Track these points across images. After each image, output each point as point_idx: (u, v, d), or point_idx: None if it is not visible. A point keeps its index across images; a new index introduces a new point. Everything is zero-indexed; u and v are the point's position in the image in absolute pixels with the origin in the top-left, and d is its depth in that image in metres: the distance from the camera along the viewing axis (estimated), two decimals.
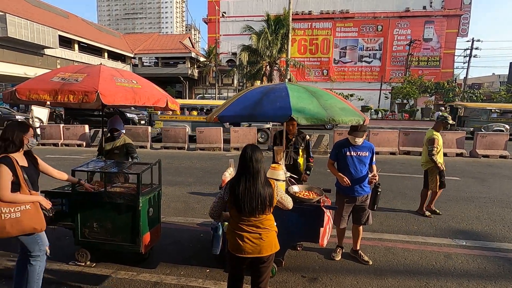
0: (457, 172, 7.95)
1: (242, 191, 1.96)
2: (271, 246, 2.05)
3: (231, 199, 2.01)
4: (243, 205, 1.95)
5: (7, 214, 2.16)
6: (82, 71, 3.11)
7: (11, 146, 2.24)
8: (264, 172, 2.08)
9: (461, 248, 3.75)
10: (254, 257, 2.01)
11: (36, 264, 2.37)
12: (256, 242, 1.99)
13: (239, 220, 2.02)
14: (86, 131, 12.46)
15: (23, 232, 2.26)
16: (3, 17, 22.11)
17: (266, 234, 2.03)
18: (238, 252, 2.01)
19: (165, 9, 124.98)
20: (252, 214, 1.97)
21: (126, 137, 3.96)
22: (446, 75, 31.99)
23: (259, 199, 1.95)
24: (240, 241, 2.00)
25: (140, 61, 39.36)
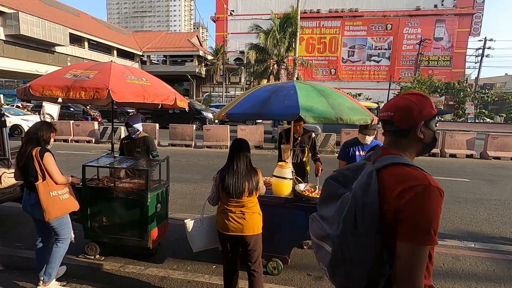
0: (467, 174, 7.83)
1: (228, 176, 2.28)
2: (253, 227, 2.34)
3: (220, 184, 2.30)
4: (228, 188, 2.25)
5: (62, 196, 2.58)
6: (94, 68, 3.16)
7: (43, 142, 2.57)
8: (249, 160, 2.39)
9: (469, 250, 3.70)
10: (238, 235, 2.30)
11: (62, 246, 2.66)
12: (240, 221, 2.29)
13: (227, 202, 2.32)
14: (95, 127, 12.65)
15: (73, 209, 2.70)
16: (16, 15, 22.56)
17: (249, 215, 2.32)
18: (224, 230, 2.32)
19: (174, 7, 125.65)
20: (236, 196, 2.26)
21: (146, 135, 3.88)
22: (457, 75, 31.42)
23: (243, 182, 2.26)
24: (226, 220, 2.30)
25: (148, 59, 39.72)
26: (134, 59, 38.05)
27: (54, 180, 2.51)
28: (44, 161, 2.47)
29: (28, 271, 3.02)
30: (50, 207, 2.47)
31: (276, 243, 3.03)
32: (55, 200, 2.50)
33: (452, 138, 10.49)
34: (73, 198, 2.71)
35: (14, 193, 3.88)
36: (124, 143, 3.87)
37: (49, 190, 2.49)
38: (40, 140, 2.54)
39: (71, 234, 2.77)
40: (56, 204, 2.51)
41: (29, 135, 2.56)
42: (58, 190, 2.54)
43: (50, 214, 2.48)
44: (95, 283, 2.86)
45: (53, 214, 2.50)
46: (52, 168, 2.51)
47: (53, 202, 2.49)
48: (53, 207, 2.49)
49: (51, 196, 2.49)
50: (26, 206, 2.58)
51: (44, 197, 2.45)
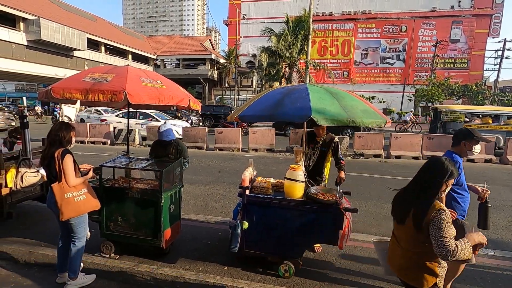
0: (486, 179, 7.56)
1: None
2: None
3: None
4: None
5: (78, 197, 2.63)
6: (111, 71, 3.26)
7: (66, 143, 2.67)
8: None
9: (489, 258, 3.57)
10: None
11: (79, 244, 2.75)
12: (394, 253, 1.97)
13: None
14: (110, 129, 12.97)
15: (92, 209, 2.78)
16: (37, 21, 23.52)
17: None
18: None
19: (187, 12, 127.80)
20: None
21: (180, 141, 3.87)
22: (475, 77, 30.52)
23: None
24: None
25: (162, 63, 40.48)
26: (148, 63, 38.88)
27: (66, 182, 2.57)
28: (63, 162, 2.55)
29: (48, 267, 3.13)
30: (64, 208, 2.55)
31: (288, 246, 3.02)
32: (69, 202, 2.57)
33: None
34: (92, 198, 2.76)
35: (34, 192, 4.02)
36: (157, 148, 3.84)
37: (64, 191, 2.56)
38: (63, 141, 2.62)
39: (87, 232, 2.85)
40: (70, 205, 2.58)
41: (52, 137, 2.64)
42: (73, 191, 2.61)
43: (63, 215, 2.57)
44: (110, 281, 2.93)
45: (66, 215, 2.58)
46: (68, 170, 2.57)
47: (67, 203, 2.56)
48: (67, 208, 2.56)
49: (66, 197, 2.56)
50: (50, 204, 2.68)
51: (59, 198, 2.54)
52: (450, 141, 2.93)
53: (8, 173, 3.60)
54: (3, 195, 3.56)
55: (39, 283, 2.88)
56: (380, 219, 4.73)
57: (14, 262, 3.23)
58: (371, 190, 6.37)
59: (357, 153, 10.68)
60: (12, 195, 3.67)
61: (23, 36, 23.71)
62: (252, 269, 3.15)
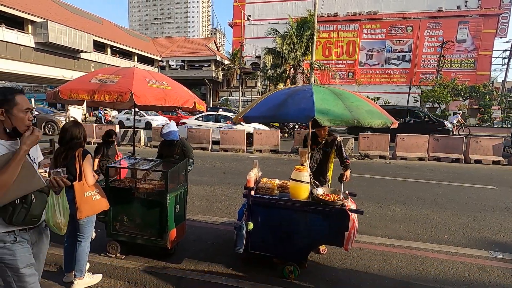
0: (494, 181, 7.47)
1: None
2: None
3: None
4: None
5: (94, 196, 2.70)
6: (117, 72, 3.30)
7: (83, 142, 2.75)
8: None
9: (497, 261, 3.52)
10: None
11: (85, 244, 2.78)
12: None
13: None
14: (116, 130, 13.07)
15: (103, 208, 2.81)
16: (45, 24, 23.86)
17: None
18: None
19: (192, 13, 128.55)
20: None
21: (185, 141, 3.92)
22: (482, 78, 30.11)
23: None
24: None
25: (167, 64, 40.76)
26: (153, 64, 39.19)
27: (86, 181, 2.64)
28: (84, 162, 2.63)
29: (55, 266, 3.16)
30: (82, 206, 2.61)
31: (293, 247, 3.01)
32: (88, 200, 2.64)
33: (477, 143, 10.04)
34: (104, 198, 2.82)
35: None
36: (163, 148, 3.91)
37: (84, 190, 2.63)
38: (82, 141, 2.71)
39: (92, 232, 2.89)
40: (88, 204, 2.65)
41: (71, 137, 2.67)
42: (91, 191, 2.68)
43: (82, 213, 2.62)
44: (116, 280, 2.95)
45: (85, 213, 2.63)
46: (88, 170, 2.65)
47: (86, 202, 2.63)
48: (85, 207, 2.62)
49: (85, 196, 2.63)
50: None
51: (79, 196, 2.59)
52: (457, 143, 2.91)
53: None
54: None
55: (46, 282, 2.91)
56: (385, 221, 4.70)
57: None
58: (376, 192, 6.32)
59: (362, 154, 10.62)
60: None
61: (31, 39, 24.07)
62: (257, 270, 3.15)
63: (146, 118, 18.93)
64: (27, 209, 1.63)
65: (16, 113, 1.60)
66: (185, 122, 13.93)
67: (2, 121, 1.60)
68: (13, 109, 1.59)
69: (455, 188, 6.72)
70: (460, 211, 5.21)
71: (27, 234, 1.71)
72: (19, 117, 1.62)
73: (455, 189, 6.63)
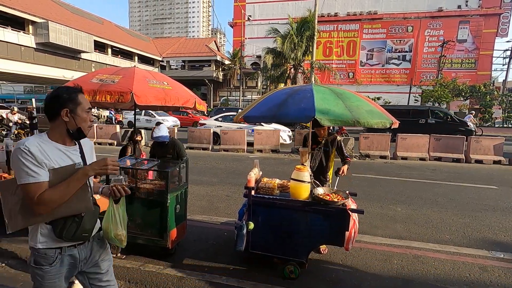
0: (495, 181, 7.46)
1: None
2: None
3: None
4: None
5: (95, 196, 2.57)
6: (118, 73, 3.30)
7: None
8: None
9: (498, 261, 3.51)
10: None
11: None
12: None
13: None
14: (117, 131, 13.11)
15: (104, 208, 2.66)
16: (45, 24, 23.90)
17: None
18: None
19: (192, 13, 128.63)
20: None
21: (176, 141, 3.98)
22: (483, 78, 30.07)
23: None
24: None
25: (167, 64, 40.79)
26: (154, 64, 39.22)
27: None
28: None
29: None
30: None
31: (294, 247, 3.01)
32: None
33: (478, 143, 10.03)
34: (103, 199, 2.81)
35: None
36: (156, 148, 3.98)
37: None
38: None
39: None
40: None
41: None
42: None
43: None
44: (117, 280, 2.91)
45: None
46: None
47: None
48: None
49: None
50: None
51: None
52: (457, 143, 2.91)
53: None
54: None
55: None
56: (386, 221, 4.69)
57: (23, 261, 3.27)
58: (377, 192, 6.31)
59: (363, 154, 10.61)
60: None
61: (32, 39, 24.11)
62: (258, 269, 3.15)
63: (156, 119, 18.83)
64: (78, 223, 1.48)
65: (80, 113, 1.50)
66: (204, 123, 13.71)
67: (66, 122, 1.47)
68: (77, 109, 1.49)
69: (456, 188, 6.71)
70: (461, 211, 5.20)
71: (76, 251, 1.55)
72: (83, 117, 1.52)
73: (456, 189, 6.63)
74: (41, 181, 1.36)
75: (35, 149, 1.36)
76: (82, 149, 1.59)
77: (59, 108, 1.45)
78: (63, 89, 1.51)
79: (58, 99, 1.46)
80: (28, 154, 1.34)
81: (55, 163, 1.41)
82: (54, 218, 1.43)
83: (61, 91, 1.49)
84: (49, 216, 1.42)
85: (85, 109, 1.53)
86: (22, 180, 1.35)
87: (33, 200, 1.34)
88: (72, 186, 1.42)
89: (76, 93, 1.51)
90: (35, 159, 1.35)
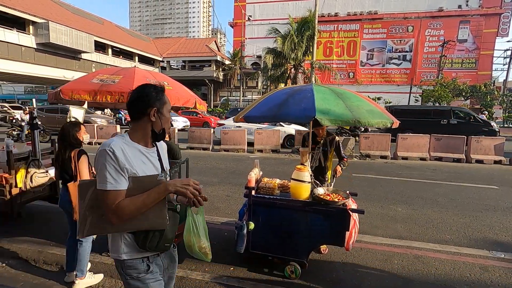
0: (495, 181, 7.45)
1: None
2: None
3: None
4: None
5: None
6: (119, 73, 3.31)
7: (75, 143, 2.67)
8: None
9: (499, 261, 3.50)
10: None
11: (86, 245, 2.77)
12: None
13: None
14: (117, 130, 13.11)
15: None
16: (46, 25, 23.93)
17: None
18: None
19: (193, 14, 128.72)
20: None
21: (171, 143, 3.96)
22: (484, 78, 30.06)
23: None
24: None
25: (168, 65, 40.80)
26: (154, 64, 39.24)
27: None
28: (79, 162, 2.60)
29: (56, 266, 3.17)
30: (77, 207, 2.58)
31: (294, 247, 3.00)
32: None
33: (478, 143, 10.02)
34: None
35: (43, 192, 4.08)
36: None
37: None
38: (73, 143, 2.66)
39: None
40: None
41: (61, 138, 2.69)
42: None
43: (77, 214, 2.59)
44: (118, 280, 2.95)
45: None
46: (83, 171, 2.61)
47: None
48: None
49: None
50: (63, 203, 2.72)
51: (74, 197, 2.59)
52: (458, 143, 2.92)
53: (18, 174, 3.66)
54: (13, 195, 3.62)
55: (47, 282, 2.91)
56: (387, 221, 4.69)
57: (24, 261, 3.28)
58: (377, 192, 6.31)
59: (363, 154, 10.61)
60: (21, 195, 3.73)
61: (32, 39, 24.14)
62: (258, 270, 3.15)
63: (222, 121, 18.55)
64: (161, 233, 1.40)
65: (165, 113, 1.43)
66: (223, 123, 13.35)
67: (152, 123, 1.39)
68: (163, 108, 1.41)
69: (456, 188, 6.71)
70: (462, 211, 5.20)
71: (160, 259, 1.49)
72: (167, 117, 1.44)
73: (456, 189, 6.62)
74: (120, 189, 1.28)
75: (119, 153, 1.29)
76: (159, 151, 1.49)
77: (147, 107, 1.37)
78: (150, 88, 1.41)
79: (147, 98, 1.38)
80: (112, 158, 1.27)
81: (137, 169, 1.32)
82: (124, 231, 1.35)
83: (149, 89, 1.40)
84: (119, 227, 1.33)
85: (169, 109, 1.47)
86: (101, 185, 1.28)
87: (110, 208, 1.27)
88: (152, 199, 1.31)
89: (163, 92, 1.44)
90: (118, 164, 1.28)
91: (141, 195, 1.30)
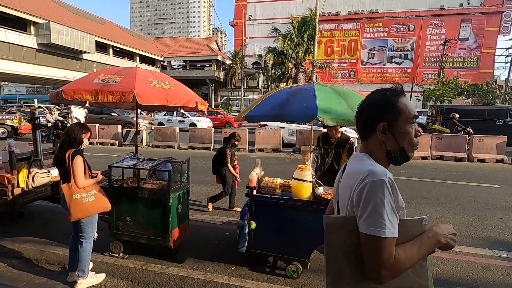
0: (497, 180, 7.42)
1: None
2: None
3: None
4: None
5: (86, 198, 2.65)
6: (120, 73, 3.31)
7: (76, 143, 2.67)
8: None
9: (501, 260, 3.49)
10: None
11: (87, 245, 2.77)
12: None
13: None
14: (119, 131, 13.13)
15: (100, 210, 2.79)
16: (47, 25, 23.97)
17: None
18: None
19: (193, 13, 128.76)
20: None
21: None
22: (485, 76, 29.92)
23: None
24: None
25: (169, 64, 40.83)
26: (155, 64, 39.27)
27: (75, 183, 2.59)
28: (73, 164, 2.58)
29: (59, 266, 3.18)
30: (72, 208, 2.58)
31: (296, 246, 3.00)
32: (77, 203, 2.60)
33: (480, 142, 9.99)
34: (102, 200, 2.79)
35: (45, 192, 4.10)
36: None
37: (72, 192, 2.59)
38: (72, 142, 2.66)
39: (94, 232, 2.88)
40: (78, 206, 2.60)
41: (63, 137, 2.70)
42: (82, 192, 2.62)
43: (71, 215, 2.60)
44: (120, 280, 2.96)
45: (74, 215, 2.60)
46: (77, 172, 2.59)
47: (75, 204, 2.59)
48: (75, 209, 2.59)
49: (74, 198, 2.59)
50: (63, 203, 2.72)
51: (67, 198, 2.58)
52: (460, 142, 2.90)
53: (20, 174, 3.67)
54: (15, 195, 3.63)
55: (49, 282, 2.92)
56: None
57: (26, 261, 3.29)
58: None
59: None
60: (23, 195, 3.74)
61: (34, 40, 24.19)
62: (260, 269, 3.15)
63: (190, 119, 18.38)
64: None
65: (403, 126, 1.03)
66: (266, 124, 12.70)
67: (382, 142, 1.05)
68: (398, 120, 1.03)
69: (458, 187, 6.69)
70: (464, 210, 5.18)
71: None
72: (407, 131, 1.04)
73: (458, 188, 6.60)
74: (396, 236, 0.93)
75: (395, 185, 0.96)
76: None
77: (374, 121, 1.04)
78: (378, 94, 1.08)
79: (374, 108, 1.06)
80: (390, 193, 0.95)
81: (402, 206, 1.02)
82: None
83: (375, 96, 1.08)
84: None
85: (410, 118, 1.04)
86: (375, 229, 0.92)
87: (387, 262, 0.91)
88: (423, 254, 0.99)
89: (397, 96, 1.05)
90: (397, 201, 0.98)
91: (412, 246, 0.97)
